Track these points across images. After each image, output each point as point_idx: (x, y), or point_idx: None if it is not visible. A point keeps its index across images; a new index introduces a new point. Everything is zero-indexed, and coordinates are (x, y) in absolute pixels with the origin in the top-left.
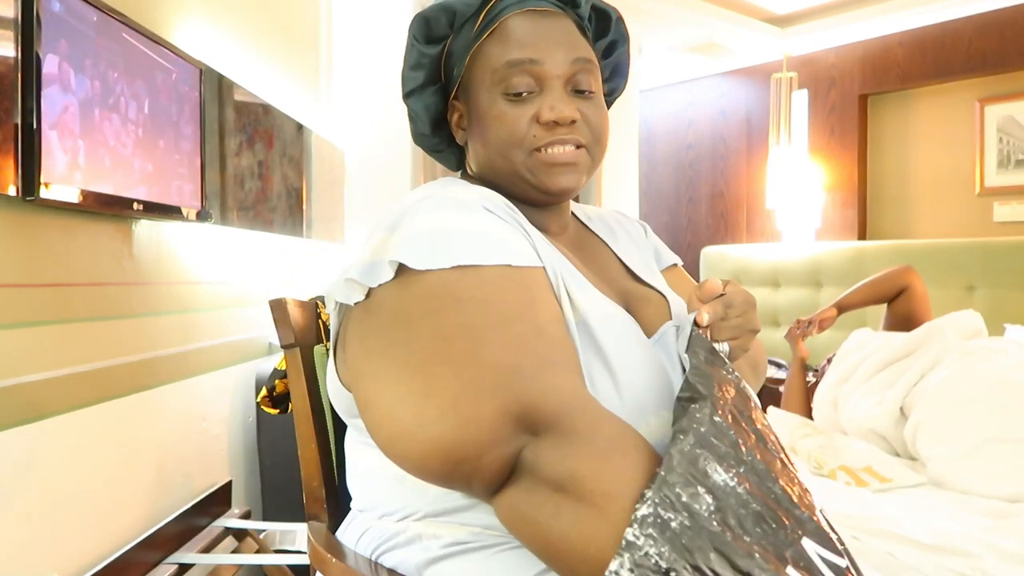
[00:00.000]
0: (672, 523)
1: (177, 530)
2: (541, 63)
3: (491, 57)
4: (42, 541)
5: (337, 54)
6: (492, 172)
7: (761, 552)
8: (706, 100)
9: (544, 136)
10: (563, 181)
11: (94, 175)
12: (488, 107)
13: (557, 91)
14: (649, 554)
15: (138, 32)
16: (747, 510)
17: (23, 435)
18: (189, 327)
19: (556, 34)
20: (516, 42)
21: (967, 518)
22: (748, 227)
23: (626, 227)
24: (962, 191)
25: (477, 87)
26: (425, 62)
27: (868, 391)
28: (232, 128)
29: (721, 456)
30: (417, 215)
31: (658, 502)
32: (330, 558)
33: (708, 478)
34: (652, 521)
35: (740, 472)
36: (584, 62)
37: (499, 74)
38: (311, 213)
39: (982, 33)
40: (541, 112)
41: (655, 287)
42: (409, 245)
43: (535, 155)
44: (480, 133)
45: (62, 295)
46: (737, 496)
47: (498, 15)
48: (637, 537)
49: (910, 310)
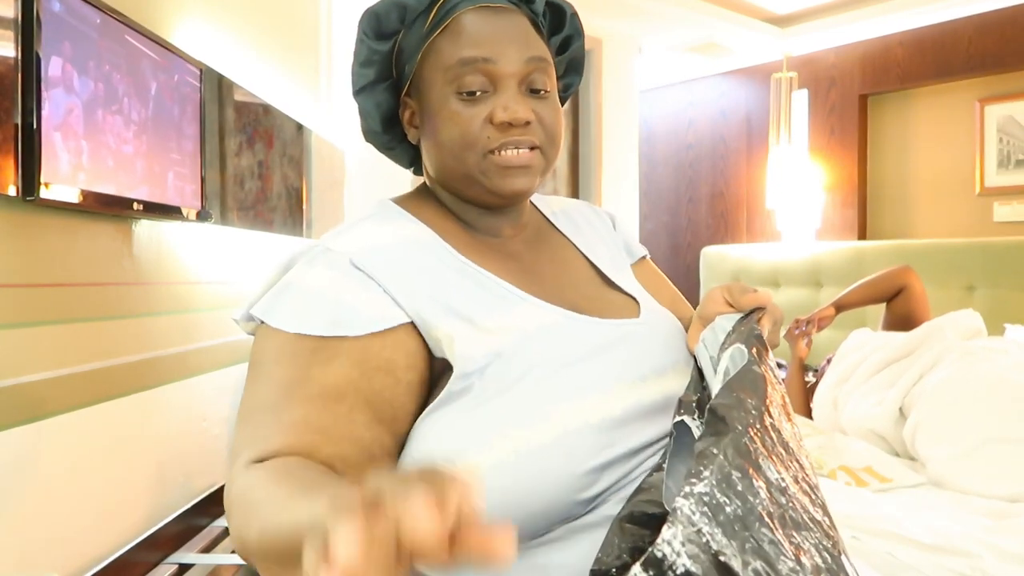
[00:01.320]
0: (727, 507)
1: (177, 530)
2: (495, 62)
3: (443, 54)
4: (42, 541)
5: (337, 54)
6: (445, 173)
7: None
8: (706, 100)
9: (498, 137)
10: (517, 184)
11: (94, 175)
12: (440, 106)
13: (511, 91)
14: (703, 531)
15: (138, 32)
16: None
17: (23, 435)
18: (189, 327)
19: (510, 31)
20: (469, 39)
21: (967, 518)
22: (748, 227)
23: (592, 222)
24: (962, 191)
25: (429, 85)
26: (376, 58)
27: (868, 391)
28: (232, 128)
29: (773, 454)
30: (299, 269)
31: (715, 483)
32: None
33: (763, 471)
34: (708, 500)
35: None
36: (538, 61)
37: (451, 72)
38: (311, 213)
39: (982, 33)
40: (495, 113)
41: (624, 289)
42: (267, 298)
43: (489, 157)
44: (432, 132)
45: (62, 295)
46: (789, 496)
47: (450, 11)
48: (693, 512)
49: (909, 310)
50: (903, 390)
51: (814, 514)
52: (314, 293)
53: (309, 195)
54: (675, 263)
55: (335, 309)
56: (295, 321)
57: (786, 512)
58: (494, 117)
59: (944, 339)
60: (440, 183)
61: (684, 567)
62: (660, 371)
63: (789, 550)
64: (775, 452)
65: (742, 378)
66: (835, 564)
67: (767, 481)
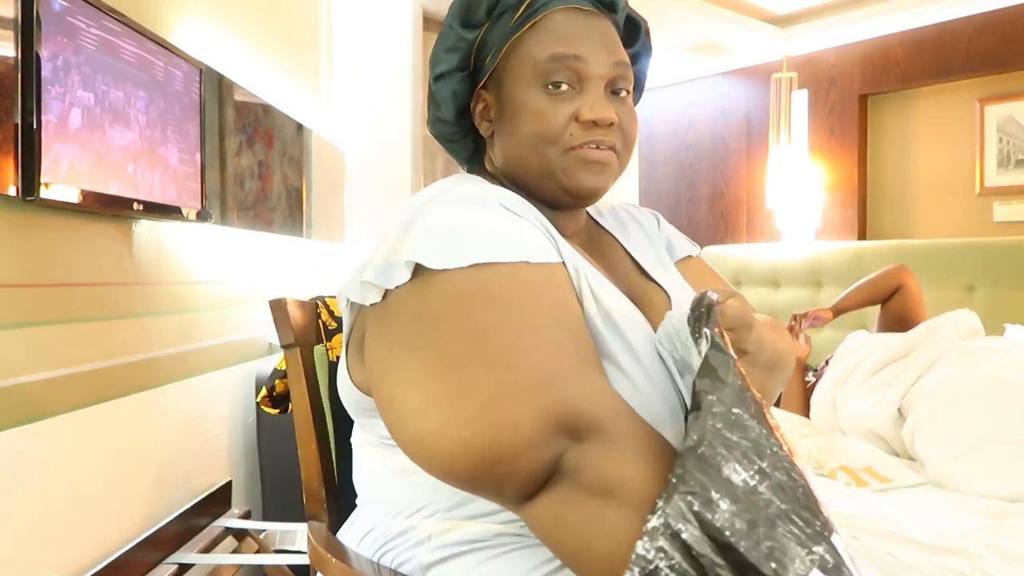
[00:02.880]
0: (683, 534)
1: (177, 530)
2: (585, 61)
3: (532, 50)
4: (42, 541)
5: (337, 54)
6: (520, 167)
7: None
8: (706, 100)
9: (581, 135)
10: (596, 180)
11: (94, 175)
12: (525, 100)
13: (597, 91)
14: (660, 568)
15: (138, 32)
16: (770, 510)
17: (23, 435)
18: (189, 327)
19: (600, 34)
20: (561, 37)
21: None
22: (748, 227)
23: (638, 219)
24: (962, 191)
25: (513, 79)
26: (462, 46)
27: (867, 391)
28: (232, 128)
29: (742, 453)
30: (431, 213)
31: (669, 513)
32: (330, 558)
33: (726, 482)
34: (663, 532)
35: (763, 467)
36: (625, 66)
37: (541, 67)
38: (311, 213)
39: (982, 33)
40: (581, 111)
41: (660, 284)
42: (425, 244)
43: (570, 153)
44: (511, 126)
45: (62, 295)
46: (758, 496)
47: (541, 8)
48: (647, 551)
49: (904, 309)
50: (902, 390)
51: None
52: (486, 226)
53: (309, 195)
54: None
55: (514, 239)
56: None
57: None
58: (580, 115)
59: (942, 339)
60: (512, 179)
61: None
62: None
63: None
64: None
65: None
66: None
67: (731, 490)
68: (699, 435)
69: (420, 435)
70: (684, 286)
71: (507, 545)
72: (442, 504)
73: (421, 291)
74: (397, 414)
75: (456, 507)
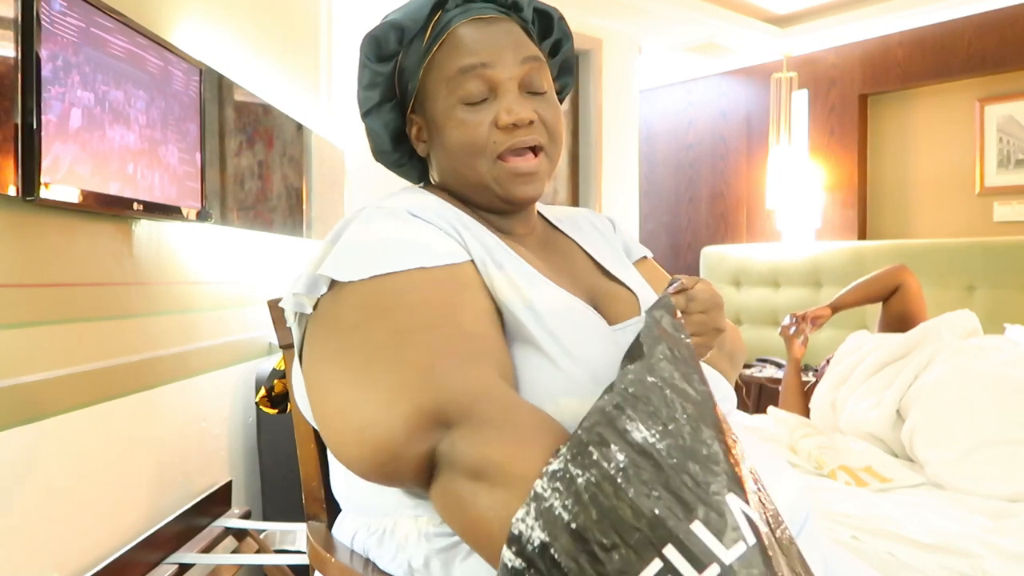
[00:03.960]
0: (579, 479)
1: (177, 530)
2: (492, 66)
3: (443, 67)
4: (42, 541)
5: (337, 54)
6: (456, 180)
7: (662, 510)
8: (706, 100)
9: (504, 140)
10: (528, 191)
11: (94, 175)
12: (446, 117)
13: (512, 93)
14: (554, 506)
15: (138, 32)
16: (665, 467)
17: (23, 435)
18: (189, 327)
19: (503, 38)
20: (466, 48)
21: (967, 518)
22: (748, 227)
23: (594, 223)
24: (962, 191)
25: (433, 98)
26: (379, 80)
27: (865, 393)
28: (232, 128)
29: (649, 414)
30: (349, 229)
31: (569, 458)
32: (330, 558)
33: (626, 435)
34: (561, 476)
35: (668, 429)
36: (533, 60)
37: (453, 82)
38: (311, 213)
39: (982, 33)
40: (499, 116)
41: (624, 282)
42: (337, 259)
43: (499, 164)
44: (441, 143)
45: (62, 295)
46: (656, 452)
47: (446, 26)
48: (544, 489)
49: (905, 308)
50: (899, 391)
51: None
52: (390, 238)
53: (309, 195)
54: (675, 263)
55: (416, 246)
56: (385, 262)
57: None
58: (499, 120)
59: (940, 339)
60: (452, 192)
61: (539, 539)
62: None
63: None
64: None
65: (632, 345)
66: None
67: (630, 443)
68: (609, 396)
69: (336, 444)
70: (646, 285)
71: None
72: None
73: (334, 303)
74: (320, 424)
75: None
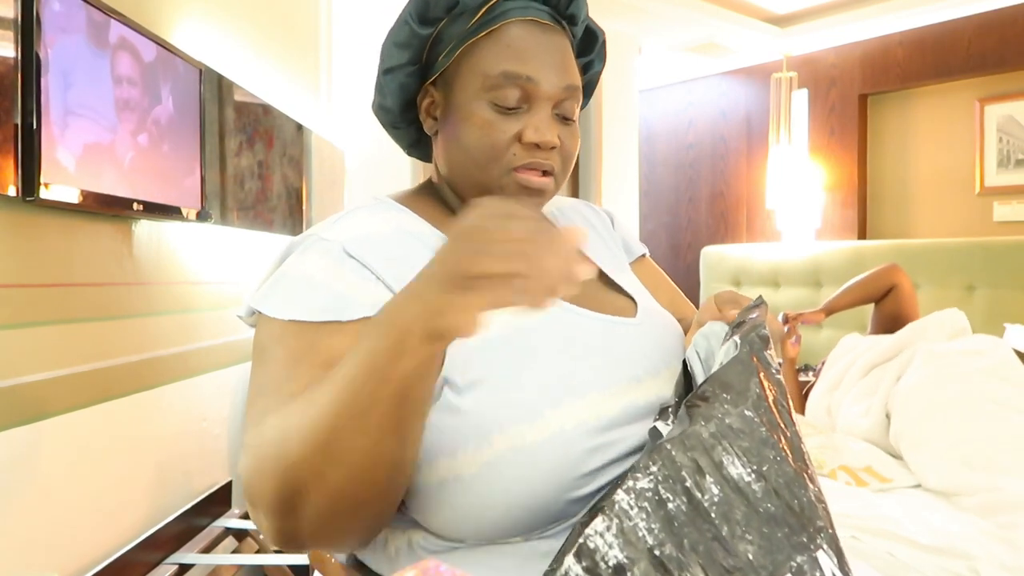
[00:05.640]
0: (669, 504)
1: (177, 530)
2: (536, 82)
3: (485, 60)
4: (42, 541)
5: (337, 54)
6: (461, 178)
7: (756, 555)
8: (706, 100)
9: (523, 156)
10: (531, 205)
11: (94, 175)
12: (472, 110)
13: (544, 113)
14: (638, 526)
15: (138, 32)
16: (760, 510)
17: (23, 435)
18: (189, 327)
19: (555, 54)
20: (516, 53)
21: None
22: (748, 227)
23: (591, 221)
24: (962, 191)
25: (462, 84)
26: (415, 42)
27: (857, 396)
28: (232, 128)
29: (744, 451)
30: (291, 255)
31: (660, 479)
32: (329, 558)
33: (722, 469)
34: (649, 497)
35: (763, 471)
36: (574, 90)
37: (491, 81)
38: (311, 213)
39: (982, 33)
40: (526, 132)
41: (623, 288)
42: (267, 289)
43: (512, 175)
44: (456, 132)
45: (62, 295)
46: (751, 493)
47: (500, 16)
48: (631, 507)
49: (898, 309)
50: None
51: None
52: (308, 281)
53: (309, 195)
54: (675, 263)
55: (329, 296)
56: (291, 309)
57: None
58: (524, 136)
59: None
60: (450, 182)
61: (616, 559)
62: (654, 372)
63: (740, 549)
64: (746, 447)
65: (725, 371)
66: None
67: (725, 479)
68: (706, 424)
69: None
70: (643, 289)
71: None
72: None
73: (260, 328)
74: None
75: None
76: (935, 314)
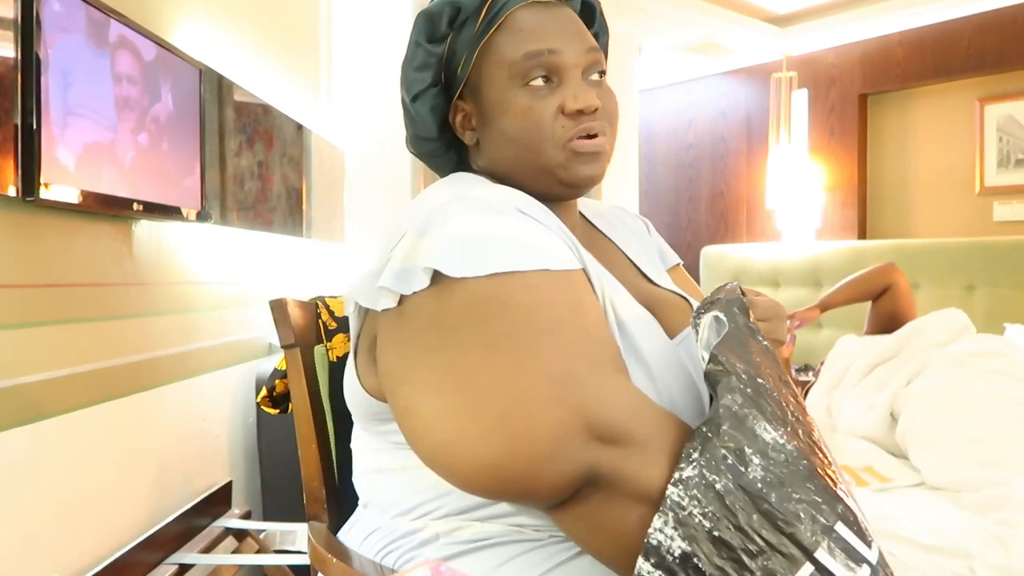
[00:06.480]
0: (716, 485)
1: (177, 530)
2: (560, 53)
3: (504, 51)
4: (42, 541)
5: (337, 54)
6: (514, 167)
7: (806, 512)
8: (706, 100)
9: (571, 127)
10: (592, 169)
11: (94, 175)
12: (509, 102)
13: (576, 80)
14: (693, 514)
15: (138, 32)
16: (799, 467)
17: (23, 435)
18: (189, 327)
19: (568, 25)
20: (530, 33)
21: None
22: (748, 227)
23: (629, 225)
24: (962, 191)
25: (490, 84)
26: (432, 62)
27: (859, 395)
28: (232, 128)
29: (770, 415)
30: (448, 219)
31: (703, 464)
32: (331, 558)
33: (757, 438)
34: (697, 483)
35: (789, 431)
36: (596, 51)
37: (517, 66)
38: (311, 213)
39: (982, 33)
40: (566, 102)
41: (671, 289)
42: (444, 251)
43: (566, 147)
44: (498, 129)
45: (62, 295)
46: (788, 453)
47: (501, 9)
48: (681, 498)
49: (895, 308)
50: (892, 395)
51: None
52: (517, 237)
53: (309, 195)
54: None
55: (534, 247)
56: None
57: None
58: (565, 107)
59: (928, 339)
60: (504, 179)
61: (680, 549)
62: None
63: (789, 511)
64: (772, 412)
65: (727, 340)
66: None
67: (762, 446)
68: (732, 395)
69: (436, 449)
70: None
71: (520, 543)
72: (453, 506)
73: (439, 298)
74: (412, 424)
75: (468, 510)
76: (933, 313)
